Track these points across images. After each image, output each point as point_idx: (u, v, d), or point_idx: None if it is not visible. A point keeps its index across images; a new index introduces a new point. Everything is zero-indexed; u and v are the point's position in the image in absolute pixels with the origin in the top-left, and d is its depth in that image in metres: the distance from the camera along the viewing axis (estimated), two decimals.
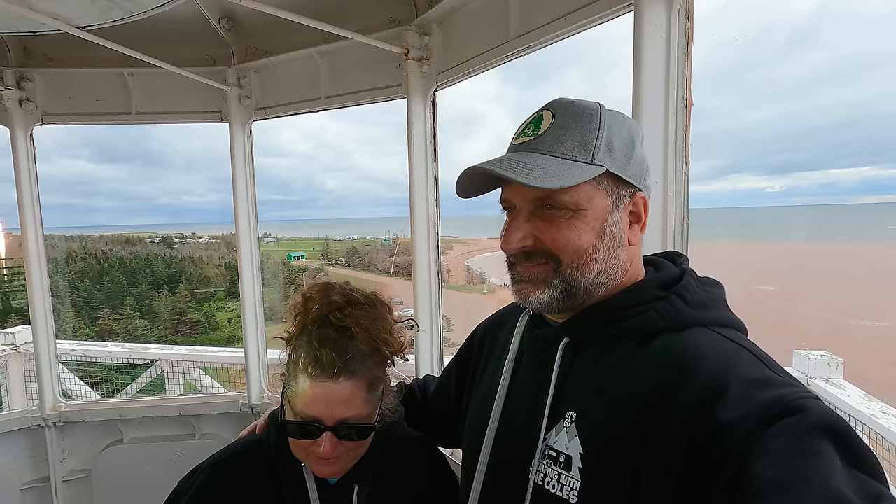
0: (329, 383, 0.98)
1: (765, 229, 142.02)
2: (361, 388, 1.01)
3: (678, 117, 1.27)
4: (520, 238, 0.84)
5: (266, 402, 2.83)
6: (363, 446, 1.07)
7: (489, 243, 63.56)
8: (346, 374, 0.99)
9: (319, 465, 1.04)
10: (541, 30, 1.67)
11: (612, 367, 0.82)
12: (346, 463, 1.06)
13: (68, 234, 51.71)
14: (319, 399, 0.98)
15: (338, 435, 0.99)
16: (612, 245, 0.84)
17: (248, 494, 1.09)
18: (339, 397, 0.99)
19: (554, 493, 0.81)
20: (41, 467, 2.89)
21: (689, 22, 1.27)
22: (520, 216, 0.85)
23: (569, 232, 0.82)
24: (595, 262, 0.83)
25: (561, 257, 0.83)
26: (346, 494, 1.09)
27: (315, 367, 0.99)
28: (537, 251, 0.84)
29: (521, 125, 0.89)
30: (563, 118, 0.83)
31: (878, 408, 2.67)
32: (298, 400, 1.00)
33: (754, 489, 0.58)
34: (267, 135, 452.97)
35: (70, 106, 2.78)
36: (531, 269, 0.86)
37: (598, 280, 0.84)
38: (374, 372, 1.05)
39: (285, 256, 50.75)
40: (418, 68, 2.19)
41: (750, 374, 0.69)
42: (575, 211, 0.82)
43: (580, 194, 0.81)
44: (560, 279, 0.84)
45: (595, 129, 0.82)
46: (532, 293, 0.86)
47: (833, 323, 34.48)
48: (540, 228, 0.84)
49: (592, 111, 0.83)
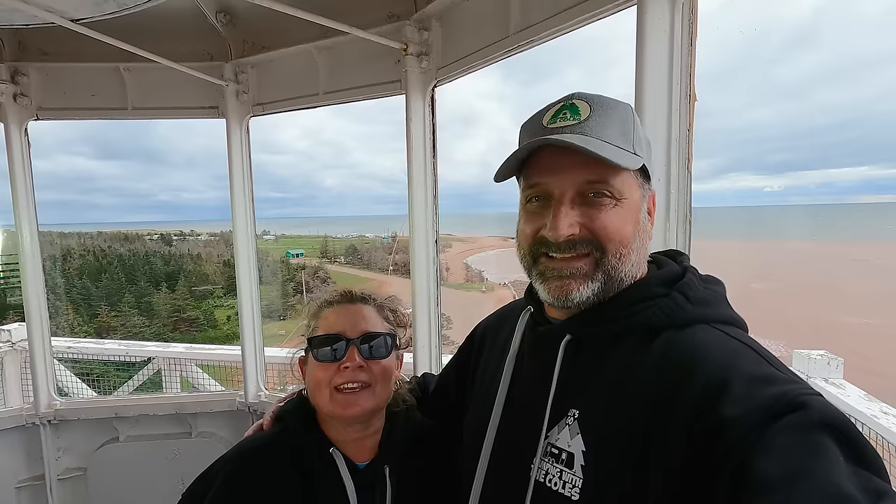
0: (349, 305, 1.14)
1: (763, 229, 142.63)
2: (379, 316, 1.14)
3: (682, 113, 1.25)
4: (569, 224, 0.80)
5: (263, 401, 2.81)
6: (385, 377, 1.10)
7: (488, 241, 63.58)
8: (363, 301, 1.15)
9: (344, 402, 1.06)
10: (541, 24, 1.64)
11: (615, 365, 0.81)
12: (366, 401, 1.07)
13: (67, 231, 51.65)
14: (342, 316, 1.11)
15: (361, 350, 1.07)
16: (644, 237, 0.86)
17: (275, 487, 1.07)
18: (360, 314, 1.12)
19: (556, 490, 0.80)
20: (36, 465, 2.88)
21: (692, 16, 1.25)
22: (565, 202, 0.81)
23: (616, 219, 0.81)
24: (632, 252, 0.83)
25: (607, 246, 0.81)
26: (378, 476, 1.11)
27: (335, 297, 1.16)
28: (583, 240, 0.81)
29: (548, 111, 0.85)
30: (600, 108, 0.82)
31: (879, 408, 2.66)
32: (321, 329, 1.11)
33: (757, 486, 0.58)
34: (267, 132, 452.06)
35: (65, 101, 2.75)
36: (572, 263, 0.82)
37: (630, 272, 0.84)
38: (387, 314, 1.17)
39: (284, 254, 50.71)
40: (417, 64, 2.16)
41: (753, 371, 0.69)
42: (618, 200, 0.81)
43: (625, 182, 0.81)
44: (602, 271, 0.82)
45: (631, 122, 0.83)
46: (574, 289, 0.82)
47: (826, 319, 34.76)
48: (589, 216, 0.81)
49: (626, 106, 0.85)
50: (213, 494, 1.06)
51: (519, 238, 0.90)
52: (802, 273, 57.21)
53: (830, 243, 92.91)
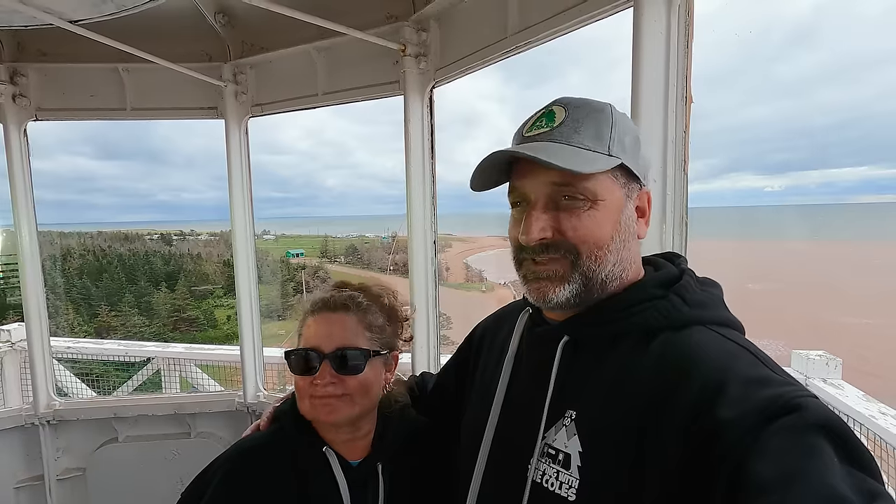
0: (330, 314, 1.09)
1: (762, 228, 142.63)
2: (360, 324, 1.10)
3: (678, 115, 1.25)
4: (540, 229, 0.82)
5: (262, 401, 2.81)
6: (363, 389, 1.08)
7: (488, 241, 63.56)
8: (343, 309, 1.10)
9: (324, 409, 1.05)
10: (539, 26, 1.65)
11: (612, 366, 0.81)
12: (346, 409, 1.06)
13: (67, 231, 51.65)
14: (319, 327, 1.08)
15: (334, 365, 1.04)
16: (627, 236, 0.86)
17: (271, 486, 1.08)
18: (339, 325, 1.08)
19: (553, 490, 0.81)
20: (35, 465, 2.88)
21: (689, 18, 1.25)
22: (537, 207, 0.83)
23: (589, 222, 0.82)
24: (612, 253, 0.83)
25: (580, 249, 0.82)
26: (370, 474, 1.11)
27: (317, 304, 1.11)
28: (556, 243, 0.83)
29: (530, 119, 0.88)
30: (576, 113, 0.84)
31: (877, 408, 2.66)
32: (301, 341, 1.09)
33: (753, 487, 0.58)
34: (268, 132, 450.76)
35: (64, 101, 2.75)
36: (548, 266, 0.84)
37: (613, 273, 0.84)
38: (373, 318, 1.12)
39: (284, 254, 50.70)
40: (415, 65, 2.17)
41: (749, 373, 0.69)
42: (593, 202, 0.82)
43: (599, 184, 0.82)
44: (578, 273, 0.83)
45: (608, 123, 0.84)
46: (551, 291, 0.84)
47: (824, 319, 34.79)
48: (559, 219, 0.82)
49: (603, 107, 0.85)
50: (210, 493, 1.07)
51: (510, 242, 0.92)
52: (799, 273, 57.32)
53: (829, 243, 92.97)
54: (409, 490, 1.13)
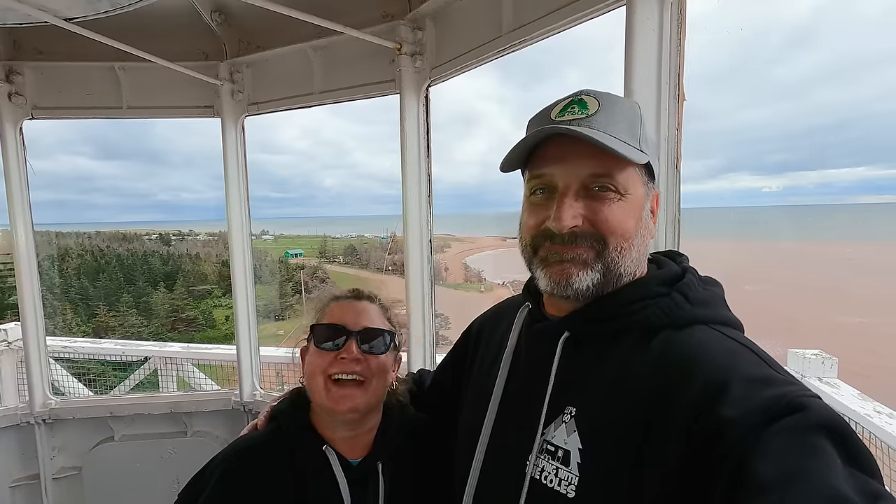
0: (355, 301, 1.17)
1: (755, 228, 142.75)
2: (382, 315, 1.17)
3: (670, 113, 1.25)
4: (573, 216, 0.80)
5: (258, 400, 2.81)
6: (382, 372, 1.11)
7: (487, 242, 63.55)
8: (369, 300, 1.19)
9: (338, 395, 1.06)
10: (534, 24, 1.65)
11: (614, 363, 0.81)
12: (361, 397, 1.07)
13: (65, 231, 51.53)
14: (346, 310, 1.14)
15: (360, 344, 1.09)
16: (645, 233, 0.86)
17: (268, 486, 1.07)
18: (365, 310, 1.15)
19: (551, 487, 0.80)
20: (31, 464, 2.87)
21: (681, 16, 1.25)
22: (569, 194, 0.81)
23: (619, 213, 0.81)
24: (633, 248, 0.83)
25: (608, 239, 0.81)
26: (371, 472, 1.11)
27: (344, 293, 1.20)
28: (585, 233, 0.82)
29: (558, 105, 0.86)
30: (609, 104, 0.83)
31: (872, 406, 2.67)
32: (326, 320, 1.13)
33: (754, 487, 0.58)
34: (266, 131, 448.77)
35: (60, 100, 2.75)
36: (574, 249, 0.82)
37: (630, 267, 0.84)
38: (390, 317, 1.20)
39: (283, 254, 50.65)
40: (411, 63, 2.17)
41: (751, 372, 0.69)
42: (623, 194, 0.81)
43: (629, 178, 0.82)
44: (602, 263, 0.82)
45: (638, 120, 0.84)
46: (574, 274, 0.82)
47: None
48: (592, 209, 0.81)
49: (633, 104, 0.86)
50: (208, 493, 1.06)
51: (521, 231, 0.90)
52: (790, 273, 57.36)
53: (829, 243, 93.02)
54: (410, 488, 1.13)
